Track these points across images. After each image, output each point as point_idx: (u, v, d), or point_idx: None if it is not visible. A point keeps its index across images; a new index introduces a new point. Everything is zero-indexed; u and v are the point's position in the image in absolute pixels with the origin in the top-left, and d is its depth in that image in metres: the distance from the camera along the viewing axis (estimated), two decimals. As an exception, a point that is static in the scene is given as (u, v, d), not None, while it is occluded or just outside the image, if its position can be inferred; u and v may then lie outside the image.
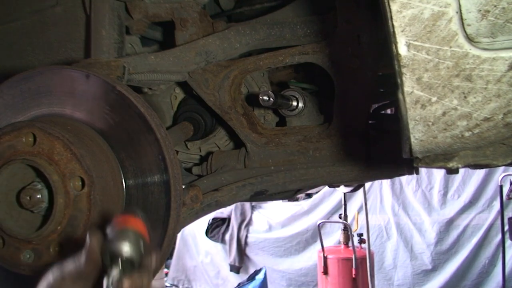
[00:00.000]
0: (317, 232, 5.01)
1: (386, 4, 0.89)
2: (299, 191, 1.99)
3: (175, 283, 6.86)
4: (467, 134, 0.94)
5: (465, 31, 0.87)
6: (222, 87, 1.57)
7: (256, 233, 6.31)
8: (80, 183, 1.02)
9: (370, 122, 1.56)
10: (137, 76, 1.35)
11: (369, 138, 1.48)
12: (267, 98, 1.38)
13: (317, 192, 5.68)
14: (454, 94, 0.91)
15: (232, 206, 6.19)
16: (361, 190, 4.53)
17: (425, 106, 0.93)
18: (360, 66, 1.42)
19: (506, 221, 4.24)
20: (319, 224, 4.77)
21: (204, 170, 1.69)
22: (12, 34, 1.64)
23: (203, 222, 6.54)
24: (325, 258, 4.59)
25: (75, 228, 1.01)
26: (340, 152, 1.50)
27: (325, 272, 4.58)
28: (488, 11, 0.85)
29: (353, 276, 4.43)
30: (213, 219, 6.54)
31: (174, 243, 6.71)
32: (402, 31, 0.90)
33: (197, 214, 1.42)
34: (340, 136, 1.50)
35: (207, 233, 6.59)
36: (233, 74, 1.56)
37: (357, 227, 4.90)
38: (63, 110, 1.15)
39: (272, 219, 6.27)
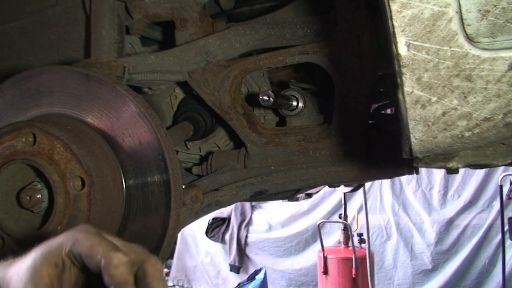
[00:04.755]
0: (317, 232, 5.01)
1: (386, 4, 0.89)
2: (299, 191, 1.99)
3: (175, 283, 6.85)
4: (467, 134, 0.94)
5: (465, 31, 0.88)
6: (222, 87, 1.57)
7: (256, 233, 6.31)
8: (80, 183, 1.02)
9: (370, 122, 1.56)
10: (137, 76, 1.35)
11: (369, 138, 1.48)
12: (267, 98, 1.38)
13: (317, 192, 5.68)
14: (454, 94, 0.91)
15: (232, 206, 6.19)
16: (361, 190, 4.53)
17: (425, 106, 0.93)
18: (360, 66, 1.42)
19: (506, 221, 4.23)
20: (319, 224, 4.77)
21: (204, 170, 1.69)
22: (12, 34, 1.63)
23: (203, 222, 6.53)
24: (325, 258, 4.59)
25: (75, 228, 1.01)
26: (340, 152, 1.50)
27: (325, 272, 4.58)
28: (488, 11, 0.85)
29: (353, 276, 4.43)
30: (213, 219, 6.54)
31: (175, 243, 6.71)
32: (402, 31, 0.90)
33: (197, 214, 1.42)
34: (340, 136, 1.50)
35: (207, 233, 6.59)
36: (233, 74, 1.56)
37: (357, 227, 4.90)
38: (63, 110, 1.15)
39: (272, 219, 6.27)
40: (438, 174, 5.36)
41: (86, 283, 0.70)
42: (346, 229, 4.70)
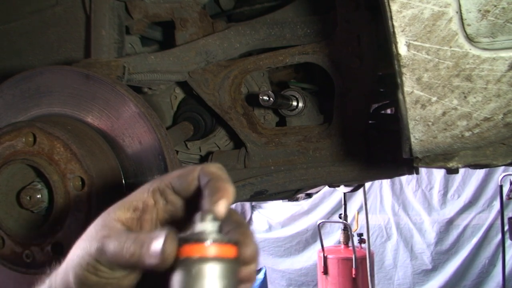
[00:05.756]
0: (317, 232, 5.01)
1: (386, 4, 0.89)
2: (299, 191, 1.99)
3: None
4: (467, 134, 0.94)
5: (465, 31, 0.88)
6: (222, 87, 1.57)
7: (256, 233, 6.31)
8: (80, 183, 1.02)
9: (370, 122, 1.56)
10: (137, 76, 1.35)
11: (369, 138, 1.48)
12: (267, 98, 1.38)
13: (317, 192, 5.67)
14: (454, 94, 0.91)
15: (232, 206, 6.18)
16: (361, 190, 4.53)
17: (425, 106, 0.93)
18: (360, 66, 1.42)
19: (506, 221, 4.23)
20: (319, 224, 4.77)
21: (204, 170, 1.69)
22: (12, 34, 1.63)
23: (203, 222, 6.52)
24: (325, 258, 4.59)
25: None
26: (340, 152, 1.50)
27: (325, 272, 4.58)
28: (488, 11, 0.85)
29: (353, 276, 4.43)
30: (213, 219, 6.53)
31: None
32: (402, 31, 0.90)
33: (197, 214, 1.42)
34: (340, 136, 1.50)
35: (207, 233, 6.58)
36: (233, 74, 1.56)
37: (357, 227, 4.90)
38: (63, 110, 1.15)
39: (272, 219, 6.27)
40: (438, 174, 5.36)
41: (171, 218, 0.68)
42: (346, 229, 4.70)
